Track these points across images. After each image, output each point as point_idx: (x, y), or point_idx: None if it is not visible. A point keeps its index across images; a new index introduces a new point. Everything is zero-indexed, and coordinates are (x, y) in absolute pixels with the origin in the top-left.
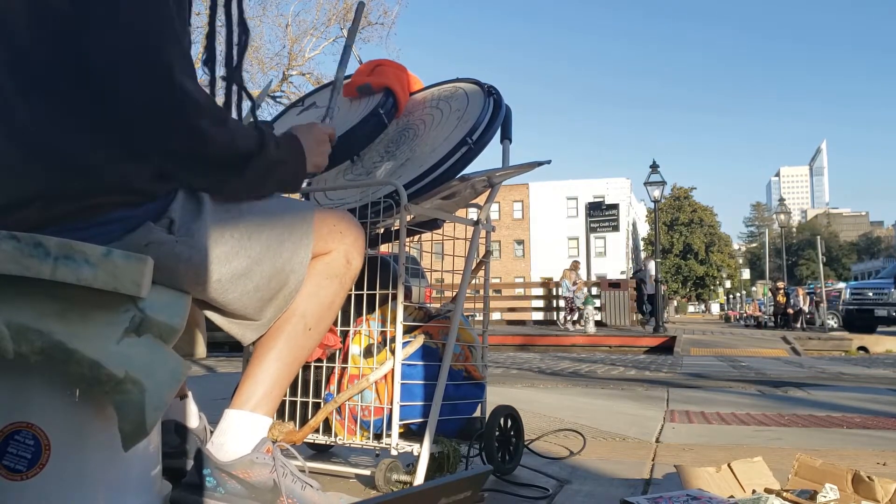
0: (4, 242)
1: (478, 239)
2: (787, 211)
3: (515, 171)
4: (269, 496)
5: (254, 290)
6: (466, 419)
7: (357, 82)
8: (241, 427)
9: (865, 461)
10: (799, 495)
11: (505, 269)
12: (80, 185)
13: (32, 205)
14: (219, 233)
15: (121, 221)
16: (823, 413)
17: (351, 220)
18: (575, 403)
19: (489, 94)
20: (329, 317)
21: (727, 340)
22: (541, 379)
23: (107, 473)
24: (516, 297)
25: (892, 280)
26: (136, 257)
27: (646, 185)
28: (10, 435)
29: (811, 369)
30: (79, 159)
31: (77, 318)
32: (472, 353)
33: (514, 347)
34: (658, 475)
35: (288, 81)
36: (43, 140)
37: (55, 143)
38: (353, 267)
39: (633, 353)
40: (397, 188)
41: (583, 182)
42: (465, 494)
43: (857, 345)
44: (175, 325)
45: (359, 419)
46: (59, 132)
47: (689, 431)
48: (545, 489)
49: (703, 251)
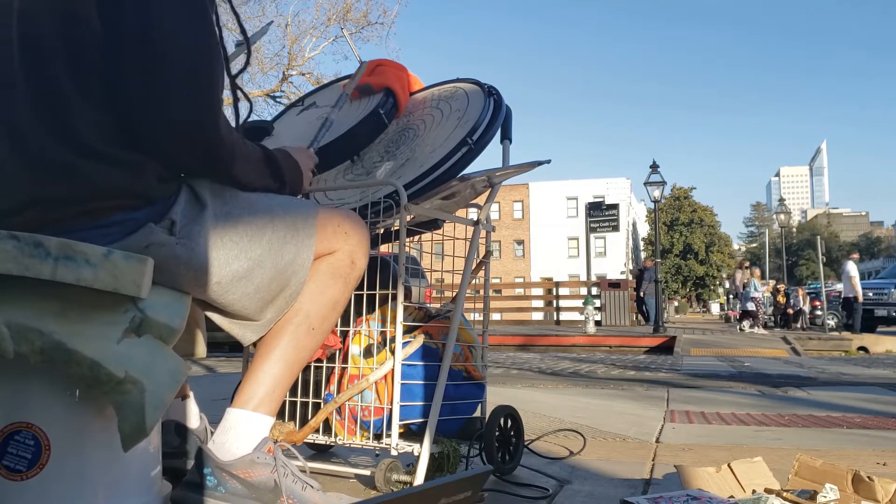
0: (5, 242)
1: (478, 239)
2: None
3: (515, 170)
4: (269, 496)
5: (254, 292)
6: (466, 419)
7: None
8: (242, 426)
9: (865, 461)
10: (799, 495)
11: (505, 269)
12: (82, 191)
13: (33, 209)
14: (220, 235)
15: (121, 224)
16: (823, 413)
17: (356, 220)
18: (575, 403)
19: (489, 95)
20: (333, 317)
21: (727, 340)
22: (541, 379)
23: (107, 473)
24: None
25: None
26: (137, 258)
27: (646, 185)
28: (10, 435)
29: (811, 369)
30: (81, 166)
31: (77, 318)
32: (472, 353)
33: (514, 347)
34: (658, 475)
35: (288, 81)
36: (45, 146)
37: (56, 149)
38: (358, 267)
39: (633, 353)
40: (397, 188)
41: (583, 182)
42: (465, 494)
43: (857, 345)
44: (175, 325)
45: (359, 419)
46: (62, 139)
47: (689, 431)
48: (545, 489)
49: (703, 251)
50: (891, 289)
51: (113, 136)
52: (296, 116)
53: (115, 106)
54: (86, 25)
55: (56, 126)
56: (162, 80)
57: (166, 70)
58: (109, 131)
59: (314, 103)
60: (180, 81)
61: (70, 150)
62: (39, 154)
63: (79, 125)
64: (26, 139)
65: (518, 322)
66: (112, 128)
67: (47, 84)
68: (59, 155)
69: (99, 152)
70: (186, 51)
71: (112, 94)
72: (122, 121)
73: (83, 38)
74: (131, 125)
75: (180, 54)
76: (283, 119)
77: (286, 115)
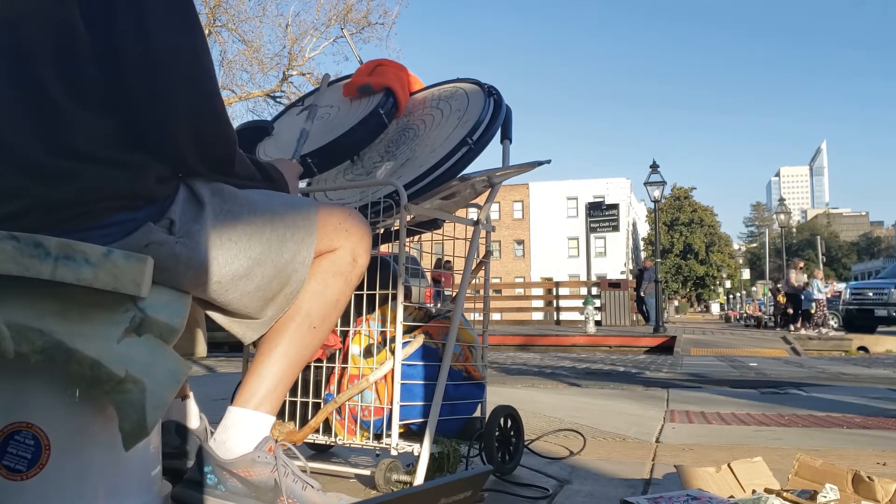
0: (5, 242)
1: (478, 239)
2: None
3: (515, 171)
4: (269, 495)
5: (255, 290)
6: (466, 419)
7: (357, 82)
8: (243, 425)
9: (865, 461)
10: (799, 495)
11: (505, 269)
12: (83, 194)
13: (33, 213)
14: (219, 234)
15: (121, 224)
16: (823, 413)
17: (357, 218)
18: (575, 403)
19: (489, 95)
20: (334, 315)
21: (727, 340)
22: (541, 379)
23: (107, 473)
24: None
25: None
26: (137, 257)
27: (646, 185)
28: (10, 435)
29: (811, 369)
30: (80, 169)
31: (77, 318)
32: (472, 353)
33: (514, 347)
34: (658, 475)
35: (288, 81)
36: (41, 152)
37: (54, 153)
38: (359, 265)
39: (633, 353)
40: (397, 188)
41: (583, 182)
42: (465, 494)
43: (857, 345)
44: (175, 325)
45: (359, 419)
46: (58, 144)
47: (689, 431)
48: (545, 489)
49: (703, 251)
50: (891, 289)
51: (112, 139)
52: (296, 116)
53: (114, 108)
54: (73, 31)
55: (51, 132)
56: (164, 80)
57: (168, 69)
58: (107, 133)
59: (314, 103)
60: (182, 80)
61: (68, 155)
62: (37, 160)
63: (75, 129)
64: (22, 146)
65: (518, 322)
66: (110, 130)
67: (40, 91)
68: (57, 160)
69: (97, 155)
70: (183, 51)
71: (109, 97)
72: (121, 122)
73: (72, 43)
74: (133, 127)
75: (178, 54)
76: (283, 119)
77: (286, 115)
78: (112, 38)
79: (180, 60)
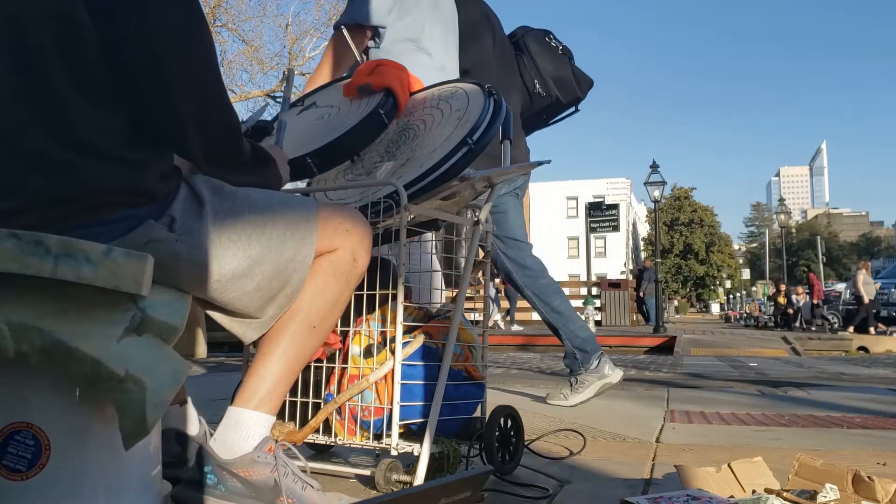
0: (5, 241)
1: (478, 239)
2: (787, 211)
3: (515, 171)
4: (269, 495)
5: (255, 290)
6: (466, 419)
7: (357, 82)
8: (243, 425)
9: (865, 461)
10: (799, 495)
11: None
12: (84, 190)
13: (34, 209)
14: (219, 232)
15: (123, 221)
16: (823, 413)
17: (358, 218)
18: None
19: (490, 95)
20: (334, 315)
21: (727, 340)
22: (541, 379)
23: (107, 473)
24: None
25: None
26: (137, 255)
27: (646, 185)
28: (10, 435)
29: (811, 369)
30: (83, 165)
31: (78, 317)
32: (472, 353)
33: (514, 347)
34: (658, 475)
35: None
36: (45, 147)
37: (57, 149)
38: (360, 265)
39: (633, 353)
40: (397, 188)
41: (583, 182)
42: (465, 494)
43: (857, 345)
44: (175, 324)
45: (359, 419)
46: (62, 139)
47: (689, 431)
48: (545, 489)
49: (703, 251)
50: (891, 289)
51: (116, 133)
52: (296, 116)
53: (119, 101)
54: (79, 27)
55: (55, 124)
56: (170, 71)
57: (173, 61)
58: (111, 128)
59: (314, 103)
60: (188, 71)
61: (71, 150)
62: (39, 155)
63: (79, 125)
64: (26, 141)
65: (518, 322)
66: (115, 124)
67: (44, 87)
68: (59, 155)
69: (101, 149)
70: (190, 48)
71: (115, 90)
72: (126, 117)
73: (77, 39)
74: (139, 120)
75: (183, 46)
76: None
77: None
78: (118, 31)
79: (186, 52)
